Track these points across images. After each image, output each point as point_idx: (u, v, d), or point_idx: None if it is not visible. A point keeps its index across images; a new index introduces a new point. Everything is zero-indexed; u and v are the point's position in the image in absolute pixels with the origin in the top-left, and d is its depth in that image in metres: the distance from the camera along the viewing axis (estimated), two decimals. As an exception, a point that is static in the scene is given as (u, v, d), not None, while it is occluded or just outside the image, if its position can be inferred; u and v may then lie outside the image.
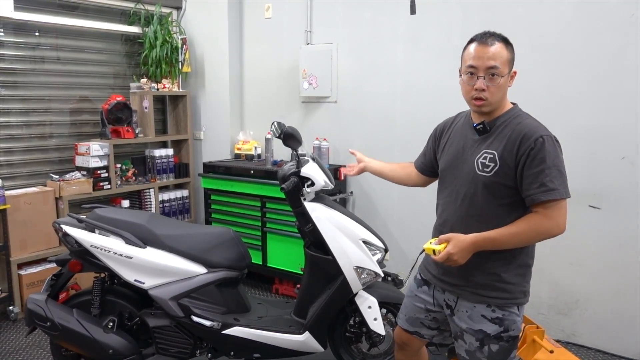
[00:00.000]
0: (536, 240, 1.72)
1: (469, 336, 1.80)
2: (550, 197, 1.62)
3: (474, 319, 1.78)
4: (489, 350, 1.77)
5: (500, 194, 1.71)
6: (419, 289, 2.02)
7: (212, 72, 4.69)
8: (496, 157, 1.70)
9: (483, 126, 1.76)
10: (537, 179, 1.63)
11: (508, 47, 1.72)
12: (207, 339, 2.57)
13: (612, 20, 2.96)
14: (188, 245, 2.55)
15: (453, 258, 1.67)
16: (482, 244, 1.68)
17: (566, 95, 3.15)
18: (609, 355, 3.15)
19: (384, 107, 3.88)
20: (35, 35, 4.01)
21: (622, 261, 3.06)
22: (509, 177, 1.68)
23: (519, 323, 1.79)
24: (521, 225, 1.67)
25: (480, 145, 1.76)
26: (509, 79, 1.74)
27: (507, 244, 1.69)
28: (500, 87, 1.70)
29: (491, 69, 1.68)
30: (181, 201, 4.77)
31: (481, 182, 1.73)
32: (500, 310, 1.76)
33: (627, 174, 3.00)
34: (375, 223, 3.79)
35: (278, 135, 2.55)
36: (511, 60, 1.73)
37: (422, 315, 2.01)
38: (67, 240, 2.49)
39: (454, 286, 1.83)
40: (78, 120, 4.32)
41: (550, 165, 1.62)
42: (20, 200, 3.63)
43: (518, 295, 1.78)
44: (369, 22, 3.89)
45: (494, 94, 1.69)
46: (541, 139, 1.64)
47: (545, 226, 1.65)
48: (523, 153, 1.65)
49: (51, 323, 2.43)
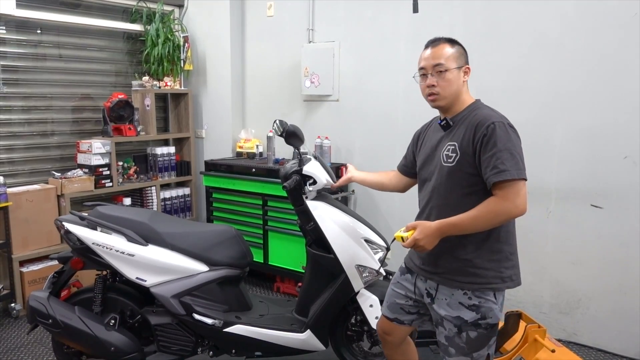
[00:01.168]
0: (497, 222, 1.75)
1: (447, 323, 1.87)
2: (502, 178, 1.68)
3: (452, 306, 1.85)
4: (467, 337, 1.84)
5: (463, 182, 1.81)
6: (402, 277, 2.11)
7: (214, 70, 4.69)
8: (457, 147, 1.82)
9: (446, 122, 1.90)
10: (490, 163, 1.71)
11: (454, 45, 1.89)
12: (208, 337, 2.57)
13: (614, 19, 2.95)
14: (190, 243, 2.55)
15: (419, 243, 1.75)
16: (446, 229, 1.76)
17: (568, 94, 3.15)
18: (610, 354, 3.15)
19: (386, 106, 3.87)
20: (37, 32, 4.01)
21: (624, 260, 3.06)
22: (470, 164, 1.78)
23: (496, 311, 1.83)
24: (480, 208, 1.73)
25: (445, 139, 1.89)
26: (460, 74, 1.87)
27: (471, 228, 1.75)
28: (450, 81, 1.84)
29: (437, 66, 1.85)
30: (183, 199, 4.77)
31: (445, 172, 1.84)
32: (477, 297, 1.82)
33: (629, 173, 2.99)
34: (377, 222, 3.79)
35: (280, 134, 2.54)
36: (458, 56, 1.87)
37: (402, 301, 2.08)
38: (69, 237, 2.49)
39: (433, 274, 1.91)
40: (80, 118, 4.32)
41: (502, 148, 1.70)
42: (22, 198, 3.63)
43: (492, 281, 1.82)
44: (371, 21, 3.88)
45: (444, 88, 1.85)
46: (492, 125, 1.74)
47: (502, 207, 1.70)
48: (478, 140, 1.75)
49: (53, 320, 2.44)
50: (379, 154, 3.95)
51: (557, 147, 3.20)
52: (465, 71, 1.88)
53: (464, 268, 1.83)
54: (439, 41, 1.90)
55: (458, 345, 1.87)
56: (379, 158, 3.93)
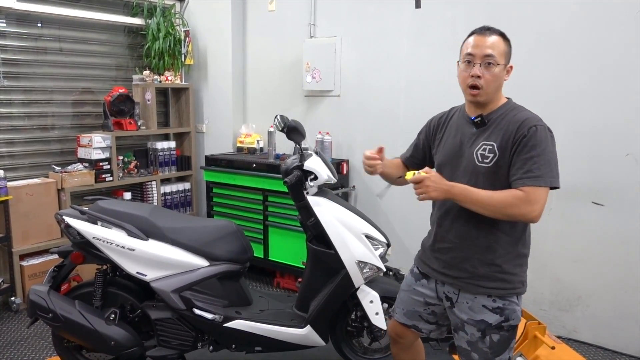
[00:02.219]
0: (506, 215, 1.69)
1: (470, 327, 1.82)
2: (534, 184, 1.65)
3: (475, 310, 1.80)
4: (491, 340, 1.80)
5: (498, 183, 1.74)
6: (417, 283, 2.02)
7: (215, 64, 4.67)
8: (495, 147, 1.74)
9: (481, 119, 1.80)
10: (525, 165, 1.67)
11: (505, 40, 1.79)
12: (208, 332, 2.57)
13: (617, 17, 2.94)
14: (190, 238, 2.55)
15: (426, 183, 1.69)
16: (457, 191, 1.71)
17: (570, 91, 3.14)
18: (610, 351, 3.15)
19: (388, 102, 3.86)
20: (37, 26, 3.99)
21: (625, 258, 3.05)
22: (507, 165, 1.73)
23: (518, 312, 1.82)
24: (501, 194, 1.68)
25: (479, 137, 1.80)
26: (504, 72, 1.78)
27: (480, 204, 1.69)
28: (496, 76, 1.75)
29: (488, 57, 1.74)
30: (183, 194, 4.77)
31: (481, 173, 1.77)
32: (501, 300, 1.79)
33: (631, 171, 2.99)
34: (377, 218, 3.79)
35: (281, 129, 2.53)
36: (507, 53, 1.79)
37: (421, 309, 2.01)
38: (69, 231, 2.48)
39: (456, 279, 1.85)
40: (80, 112, 4.31)
41: (540, 153, 1.67)
42: (23, 192, 3.63)
43: (517, 285, 1.81)
44: (373, 16, 3.87)
45: (489, 83, 1.75)
46: (534, 127, 1.69)
47: (520, 206, 1.66)
48: (516, 141, 1.70)
49: (53, 314, 2.44)
50: (380, 150, 3.93)
51: (559, 144, 3.14)
52: (508, 70, 1.80)
53: (493, 274, 1.78)
54: (492, 31, 1.77)
55: (482, 350, 1.81)
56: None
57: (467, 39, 1.82)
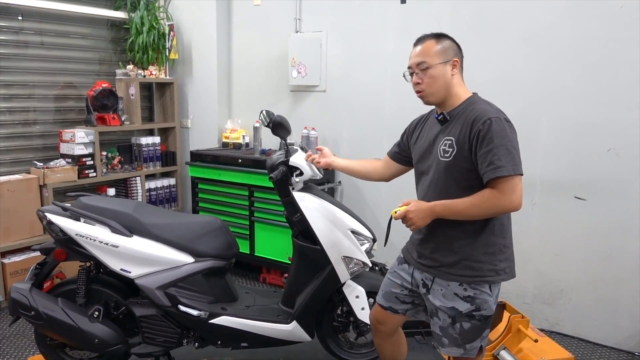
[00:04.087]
0: (490, 214, 1.78)
1: (442, 313, 1.89)
2: (498, 174, 1.70)
3: (447, 297, 1.88)
4: (461, 327, 1.87)
5: (460, 177, 1.81)
6: (399, 267, 2.12)
7: (199, 59, 4.64)
8: (454, 142, 1.82)
9: (443, 116, 1.89)
10: (487, 159, 1.72)
11: (439, 40, 1.88)
12: (194, 329, 2.56)
13: (601, 13, 2.97)
14: (175, 234, 2.53)
15: (410, 215, 1.81)
16: (439, 209, 1.80)
17: (554, 87, 3.17)
18: (592, 344, 3.21)
19: (373, 97, 3.87)
20: (18, 19, 3.92)
21: (607, 251, 3.10)
22: (467, 159, 1.79)
23: (490, 303, 1.86)
24: (476, 197, 1.76)
25: (442, 134, 1.89)
26: (446, 69, 1.86)
27: (463, 213, 1.78)
28: (434, 77, 1.85)
29: (420, 64, 1.87)
30: (168, 190, 4.73)
31: (443, 167, 1.85)
32: (472, 289, 1.84)
33: (613, 166, 3.03)
34: (363, 213, 3.80)
35: (267, 124, 2.52)
36: (442, 51, 1.86)
37: (398, 290, 2.09)
38: (52, 228, 2.45)
39: (429, 267, 1.93)
40: (63, 107, 4.25)
41: (498, 144, 1.71)
42: (3, 188, 3.57)
43: (487, 274, 1.84)
44: (358, 11, 3.86)
45: (429, 85, 1.86)
46: (489, 120, 1.74)
47: (498, 201, 1.72)
48: (474, 136, 1.76)
49: (35, 312, 2.41)
50: (366, 145, 3.94)
51: (542, 139, 3.22)
52: (453, 64, 1.86)
53: (460, 261, 1.85)
54: (425, 39, 1.90)
55: (452, 336, 1.89)
56: (366, 149, 3.93)
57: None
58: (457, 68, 1.88)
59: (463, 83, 1.92)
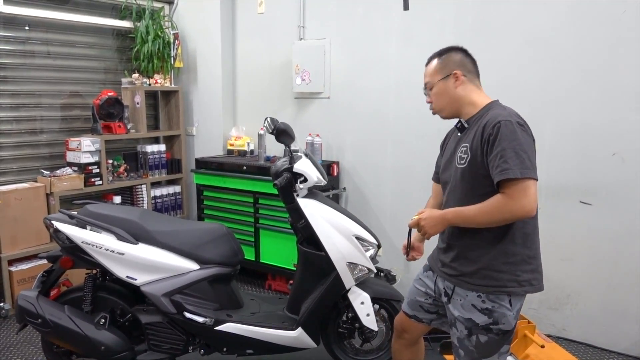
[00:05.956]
0: (501, 220, 1.73)
1: (459, 324, 1.86)
2: (503, 177, 1.66)
3: (465, 308, 1.84)
4: (477, 340, 1.82)
5: (476, 183, 1.79)
6: (424, 273, 2.11)
7: (204, 67, 4.67)
8: (468, 149, 1.81)
9: (460, 124, 1.91)
10: (495, 162, 1.70)
11: (440, 56, 1.92)
12: (199, 335, 2.57)
13: (604, 17, 2.97)
14: (180, 242, 2.54)
15: (421, 223, 1.82)
16: (450, 217, 1.80)
17: (558, 91, 3.17)
18: (599, 349, 3.18)
19: (377, 103, 3.87)
20: (25, 29, 3.96)
21: (613, 257, 3.09)
22: (481, 165, 1.76)
23: (510, 317, 1.79)
24: (486, 202, 1.73)
25: (460, 142, 1.89)
26: (448, 83, 1.88)
27: (474, 220, 1.75)
28: (437, 94, 1.90)
29: (426, 84, 1.95)
30: (173, 197, 4.75)
31: (459, 174, 1.84)
32: (490, 301, 1.79)
33: (618, 170, 3.02)
34: (368, 219, 3.80)
35: (271, 131, 2.54)
36: (440, 68, 1.89)
37: (422, 299, 2.08)
38: (58, 236, 2.47)
39: (451, 276, 1.90)
40: (69, 116, 4.28)
41: (505, 147, 1.68)
42: (11, 196, 3.60)
43: (508, 284, 1.78)
44: (362, 18, 3.88)
45: (436, 102, 1.92)
46: (498, 124, 1.71)
47: (507, 206, 1.68)
48: (485, 141, 1.74)
49: (42, 320, 2.42)
50: (370, 151, 3.95)
51: (547, 144, 3.22)
52: (455, 77, 1.86)
53: (479, 270, 1.80)
54: (431, 58, 1.95)
55: (467, 348, 1.85)
56: (370, 155, 3.93)
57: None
58: (460, 79, 1.86)
59: (479, 90, 1.90)
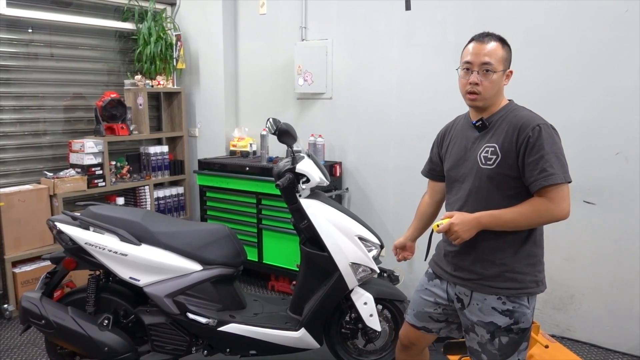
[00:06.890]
0: (539, 223, 1.75)
1: (480, 329, 1.83)
2: (551, 182, 1.67)
3: (485, 312, 1.81)
4: (499, 342, 1.81)
5: (504, 185, 1.76)
6: (430, 283, 2.03)
7: (206, 68, 4.67)
8: (497, 149, 1.76)
9: (482, 122, 1.83)
10: (537, 166, 1.68)
11: (504, 46, 1.81)
12: (203, 336, 2.57)
13: (607, 16, 2.96)
14: (183, 242, 2.54)
15: (454, 228, 1.73)
16: (485, 220, 1.73)
17: (561, 91, 3.16)
18: (603, 349, 3.17)
19: (379, 103, 3.87)
20: (28, 32, 3.98)
21: (617, 256, 3.07)
22: (512, 167, 1.74)
23: (528, 315, 1.81)
24: (525, 206, 1.72)
25: (481, 140, 1.83)
26: (503, 77, 1.81)
27: (511, 223, 1.73)
28: (494, 82, 1.78)
29: (485, 64, 1.77)
30: (176, 198, 4.75)
31: (485, 175, 1.78)
32: (511, 302, 1.79)
33: (621, 169, 3.01)
34: (370, 219, 3.80)
35: (273, 132, 2.54)
36: (506, 59, 1.81)
37: (431, 309, 2.02)
38: (62, 237, 2.47)
39: (467, 281, 1.86)
40: (72, 118, 4.29)
41: (549, 151, 1.68)
42: (14, 198, 3.61)
43: (529, 285, 1.80)
44: (364, 18, 3.88)
45: (487, 89, 1.78)
46: (538, 127, 1.70)
47: (548, 209, 1.69)
48: (522, 142, 1.71)
49: (46, 321, 2.43)
50: (372, 152, 3.95)
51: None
52: (508, 75, 1.83)
53: (503, 273, 1.78)
54: (490, 37, 1.80)
55: (490, 352, 1.83)
56: (373, 155, 3.93)
57: (467, 45, 1.84)
58: (509, 79, 1.84)
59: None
